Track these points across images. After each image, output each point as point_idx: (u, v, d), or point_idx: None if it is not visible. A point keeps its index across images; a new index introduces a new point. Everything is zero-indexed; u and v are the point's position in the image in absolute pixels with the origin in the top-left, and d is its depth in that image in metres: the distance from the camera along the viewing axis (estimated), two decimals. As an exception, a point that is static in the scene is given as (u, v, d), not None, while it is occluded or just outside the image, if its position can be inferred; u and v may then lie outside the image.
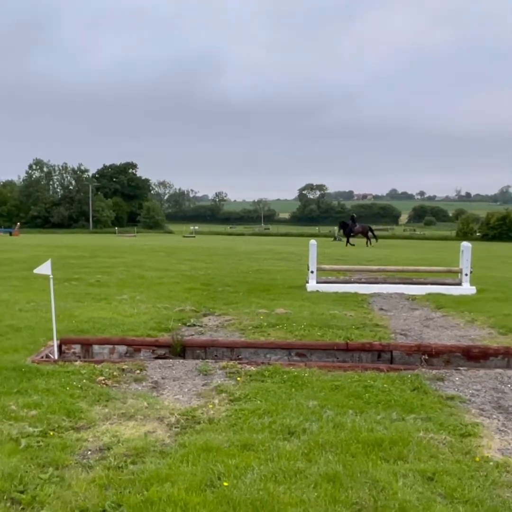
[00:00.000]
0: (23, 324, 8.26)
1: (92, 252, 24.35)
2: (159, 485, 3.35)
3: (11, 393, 5.02)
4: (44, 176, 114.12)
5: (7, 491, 3.27)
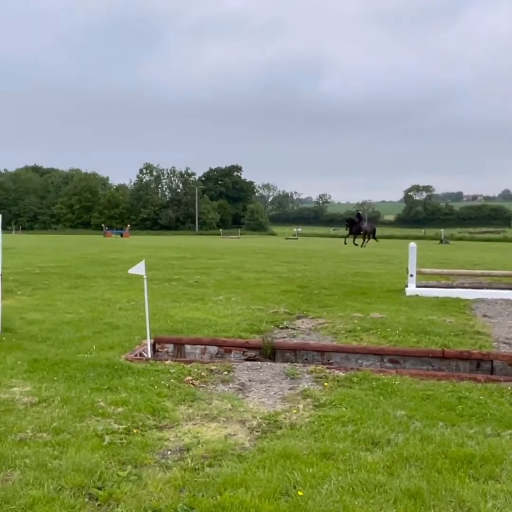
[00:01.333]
0: (121, 322, 8.55)
1: (194, 253, 24.94)
2: (233, 490, 3.30)
3: (102, 390, 5.17)
4: (153, 179, 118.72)
5: (86, 486, 3.33)
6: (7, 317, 8.19)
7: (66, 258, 22.10)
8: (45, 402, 4.78)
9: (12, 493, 3.21)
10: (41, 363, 6.03)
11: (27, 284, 13.04)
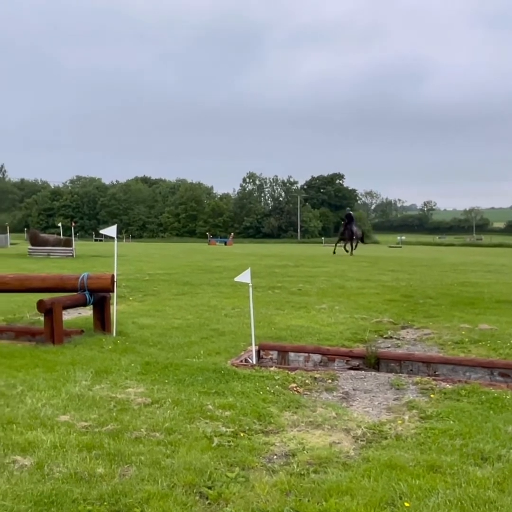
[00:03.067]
0: (227, 329, 8.78)
1: (297, 261, 25.07)
2: (338, 497, 3.33)
3: (210, 393, 5.35)
4: (256, 188, 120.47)
5: (197, 485, 3.48)
6: (121, 321, 8.64)
7: (173, 265, 22.90)
8: (157, 403, 5.02)
9: (129, 487, 3.41)
10: (152, 366, 6.31)
11: (138, 290, 13.66)
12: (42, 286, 8.36)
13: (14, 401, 5.00)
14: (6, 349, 7.12)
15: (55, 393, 5.25)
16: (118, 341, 7.64)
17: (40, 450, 3.91)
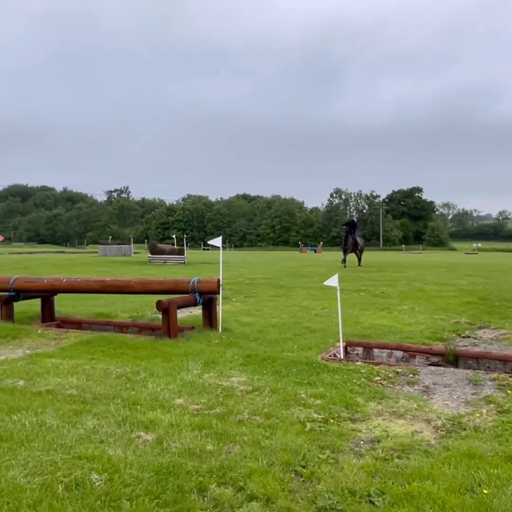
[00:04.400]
0: (317, 327, 8.73)
1: (380, 267, 24.51)
2: (420, 481, 3.22)
3: (303, 384, 5.34)
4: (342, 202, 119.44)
5: (292, 464, 3.49)
6: (225, 319, 8.80)
7: (270, 271, 23.04)
8: (257, 391, 5.07)
9: (234, 463, 3.47)
10: (253, 358, 6.38)
11: (240, 293, 13.86)
12: (160, 289, 8.68)
13: (138, 386, 5.22)
14: (131, 341, 7.43)
15: (171, 379, 5.42)
16: (223, 336, 7.79)
17: (160, 428, 4.06)
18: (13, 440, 3.82)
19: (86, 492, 3.09)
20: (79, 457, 3.53)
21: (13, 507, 2.93)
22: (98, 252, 41.66)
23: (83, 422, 4.17)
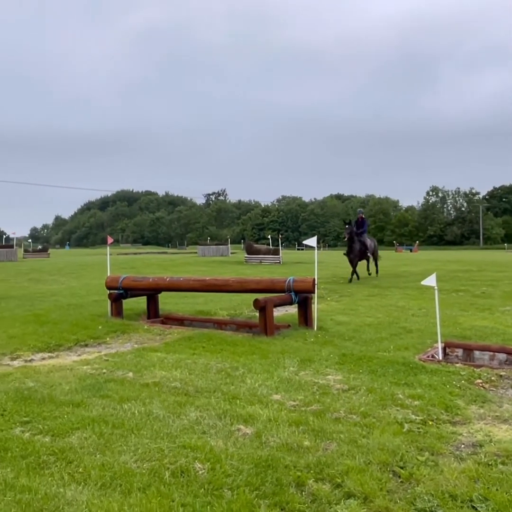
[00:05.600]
0: (414, 327, 8.46)
1: (480, 266, 23.32)
2: (527, 490, 3.04)
3: (400, 384, 5.20)
4: (439, 200, 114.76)
5: (390, 464, 3.41)
6: (321, 318, 8.76)
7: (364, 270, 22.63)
8: (353, 390, 5.01)
9: (331, 460, 3.45)
10: (348, 357, 6.31)
11: (334, 292, 13.75)
12: (257, 287, 8.80)
13: (237, 381, 5.33)
14: (230, 338, 7.61)
15: (269, 376, 5.49)
16: (318, 335, 7.77)
17: (258, 422, 4.13)
18: (124, 427, 4.05)
19: (190, 480, 3.22)
20: (183, 446, 3.67)
21: (125, 489, 3.11)
22: (197, 252, 42.96)
23: (186, 414, 4.34)
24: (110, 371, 5.80)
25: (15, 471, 3.34)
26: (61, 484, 3.16)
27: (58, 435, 3.90)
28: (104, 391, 4.98)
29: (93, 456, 3.55)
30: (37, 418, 4.28)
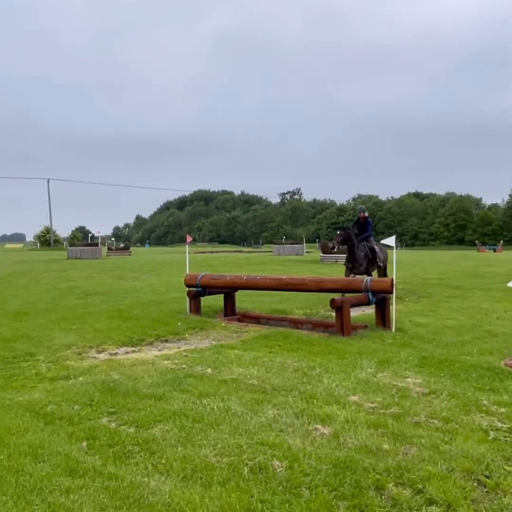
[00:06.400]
0: (499, 330, 8.09)
1: None
2: None
3: (484, 390, 4.99)
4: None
5: (474, 472, 3.28)
6: (399, 319, 8.56)
7: (444, 270, 21.88)
8: (434, 394, 4.86)
9: (411, 465, 3.37)
10: (428, 360, 6.13)
11: (413, 293, 13.38)
12: (333, 287, 8.73)
13: (314, 380, 5.32)
14: (306, 337, 7.60)
15: (346, 376, 5.43)
16: (396, 336, 7.59)
17: (336, 423, 4.10)
18: (204, 422, 4.15)
19: (269, 477, 3.24)
20: (261, 443, 3.71)
21: (205, 482, 3.19)
22: (272, 251, 43.17)
23: (264, 411, 4.38)
24: (190, 367, 5.95)
25: (103, 459, 3.51)
26: (145, 474, 3.29)
27: (142, 427, 4.06)
28: (184, 386, 5.12)
29: (175, 448, 3.66)
30: (122, 409, 4.47)
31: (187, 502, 2.94)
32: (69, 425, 4.12)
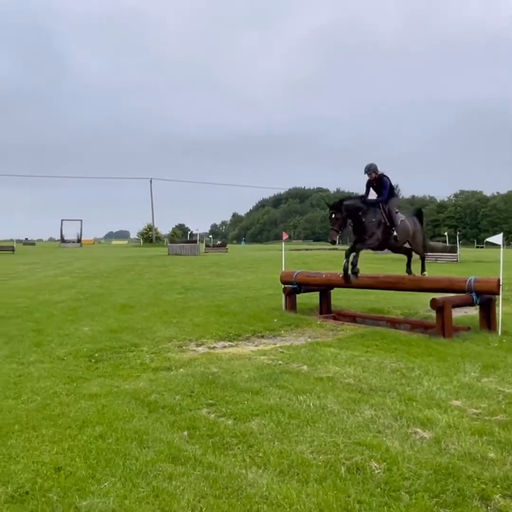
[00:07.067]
0: None
1: None
2: None
3: None
4: None
5: None
6: (506, 321, 8.07)
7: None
8: (546, 403, 4.53)
9: (520, 477, 3.17)
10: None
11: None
12: (433, 287, 8.41)
13: (413, 382, 5.15)
14: (404, 338, 7.38)
15: (447, 380, 5.21)
16: (503, 340, 7.17)
17: (437, 427, 3.94)
18: (300, 418, 4.15)
19: (366, 478, 3.19)
20: (358, 443, 3.65)
21: (302, 478, 3.19)
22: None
23: (361, 411, 4.31)
24: (286, 363, 5.99)
25: (203, 449, 3.62)
26: (243, 466, 3.35)
27: (240, 419, 4.15)
28: (280, 382, 5.16)
29: (272, 442, 3.70)
30: (221, 401, 4.59)
31: (284, 496, 2.96)
32: (171, 414, 4.30)
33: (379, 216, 8.52)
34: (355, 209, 8.44)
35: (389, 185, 8.73)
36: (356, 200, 8.62)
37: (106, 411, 4.34)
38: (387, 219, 8.56)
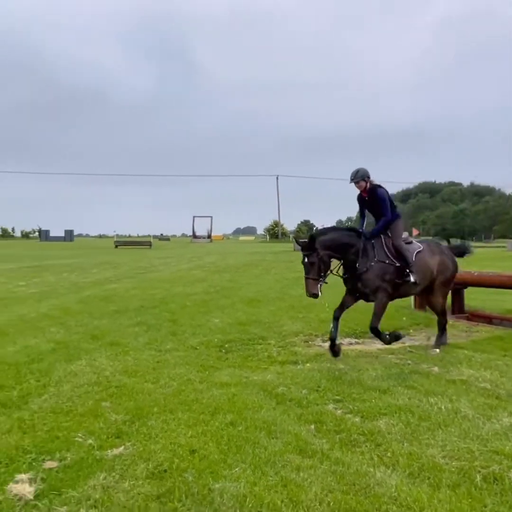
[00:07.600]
0: None
1: None
2: None
3: None
4: None
5: None
6: None
7: None
8: None
9: None
10: None
11: None
12: None
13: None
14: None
15: None
16: None
17: None
18: (431, 421, 4.00)
19: (505, 489, 3.00)
20: (496, 451, 3.44)
21: (433, 483, 3.08)
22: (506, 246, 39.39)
23: (498, 418, 4.05)
24: (415, 363, 5.79)
25: (330, 444, 3.63)
26: (370, 464, 3.31)
27: (367, 417, 4.09)
28: (409, 382, 5.01)
29: (401, 443, 3.61)
30: (347, 398, 4.56)
31: (414, 499, 2.88)
32: (298, 407, 4.35)
33: (381, 254, 6.10)
34: (339, 247, 6.04)
35: (388, 199, 6.31)
36: (340, 233, 6.18)
37: (236, 400, 4.51)
38: (394, 255, 6.14)
